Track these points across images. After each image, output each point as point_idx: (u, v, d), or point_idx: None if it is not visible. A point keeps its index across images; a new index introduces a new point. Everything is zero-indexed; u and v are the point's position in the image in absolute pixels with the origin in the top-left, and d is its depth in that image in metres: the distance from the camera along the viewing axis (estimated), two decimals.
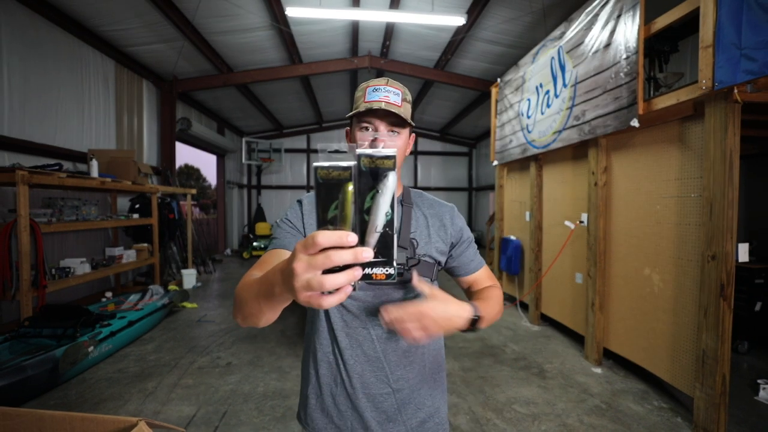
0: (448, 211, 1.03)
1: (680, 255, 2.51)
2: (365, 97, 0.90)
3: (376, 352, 0.91)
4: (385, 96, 0.89)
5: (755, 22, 1.94)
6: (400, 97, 0.90)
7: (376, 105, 0.87)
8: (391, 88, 0.90)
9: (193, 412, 2.50)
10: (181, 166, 32.93)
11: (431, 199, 1.06)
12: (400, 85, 0.93)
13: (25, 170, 3.28)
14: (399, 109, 0.88)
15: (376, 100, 0.88)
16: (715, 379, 2.16)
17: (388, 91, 0.90)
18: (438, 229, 0.99)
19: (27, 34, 4.28)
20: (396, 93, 0.90)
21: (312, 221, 0.94)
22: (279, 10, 5.46)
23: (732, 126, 2.11)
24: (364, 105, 0.89)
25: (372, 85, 0.90)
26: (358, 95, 0.92)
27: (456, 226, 1.01)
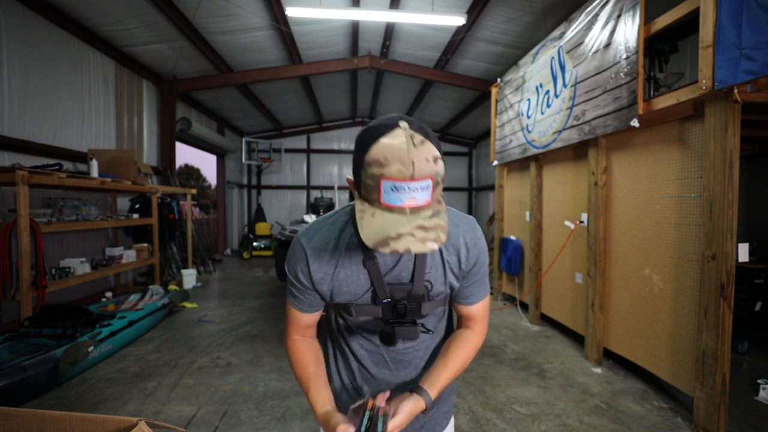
0: (465, 240, 0.88)
1: (680, 255, 2.51)
2: (380, 195, 0.64)
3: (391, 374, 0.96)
4: (410, 199, 0.64)
5: (755, 22, 1.94)
6: (431, 188, 0.64)
7: (400, 228, 0.64)
8: (418, 182, 0.62)
9: (193, 412, 2.50)
10: (181, 166, 32.93)
11: (452, 223, 0.89)
12: (430, 164, 0.63)
13: (25, 170, 3.28)
14: (428, 210, 0.66)
15: (398, 206, 0.64)
16: (715, 379, 2.16)
17: (415, 190, 0.63)
18: (454, 265, 0.88)
19: (27, 34, 4.28)
20: (426, 186, 0.64)
21: (320, 267, 0.85)
22: (279, 10, 5.46)
23: (732, 126, 2.11)
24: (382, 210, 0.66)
25: (390, 178, 0.62)
26: (369, 183, 0.66)
27: (470, 260, 0.89)
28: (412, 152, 0.62)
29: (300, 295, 0.90)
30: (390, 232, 0.64)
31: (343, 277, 0.85)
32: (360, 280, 0.85)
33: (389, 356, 0.94)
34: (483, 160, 12.25)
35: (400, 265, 0.85)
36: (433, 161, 0.64)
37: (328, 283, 0.86)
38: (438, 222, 0.67)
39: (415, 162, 0.62)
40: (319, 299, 0.91)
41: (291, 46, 6.70)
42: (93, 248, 5.15)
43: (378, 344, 0.93)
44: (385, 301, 0.85)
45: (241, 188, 11.89)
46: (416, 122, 0.68)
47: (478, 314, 0.96)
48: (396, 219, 0.65)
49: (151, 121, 6.87)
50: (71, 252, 4.73)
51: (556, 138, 3.75)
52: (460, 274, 0.90)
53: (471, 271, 0.90)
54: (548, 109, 3.89)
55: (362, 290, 0.86)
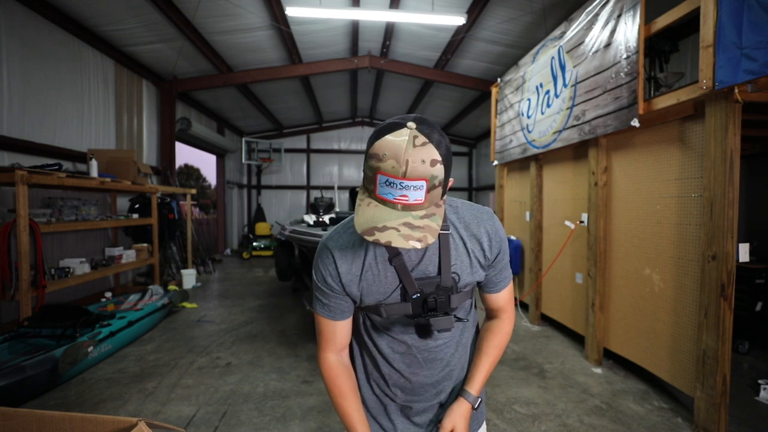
0: (486, 230, 0.90)
1: (681, 255, 2.51)
2: (376, 188, 0.68)
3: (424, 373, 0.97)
4: (402, 196, 0.67)
5: (756, 21, 1.94)
6: (425, 189, 0.67)
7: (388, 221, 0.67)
8: (410, 182, 0.65)
9: (192, 413, 2.49)
10: (180, 166, 32.93)
11: (467, 215, 0.90)
12: (425, 167, 0.65)
13: (24, 170, 3.27)
14: (420, 210, 0.69)
15: (390, 200, 0.68)
16: (715, 379, 2.16)
17: (407, 188, 0.66)
18: (478, 254, 0.89)
19: (26, 33, 4.27)
20: (418, 186, 0.66)
21: (348, 269, 0.86)
22: (279, 10, 5.46)
23: (732, 126, 2.11)
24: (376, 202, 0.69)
25: (384, 173, 0.66)
26: (368, 174, 0.70)
27: (494, 248, 0.90)
28: (409, 152, 0.64)
29: (329, 301, 0.89)
30: (378, 223, 0.67)
31: (371, 276, 0.86)
32: (388, 278, 0.86)
33: (421, 356, 0.94)
34: (483, 160, 12.25)
35: (425, 259, 0.86)
36: (430, 164, 0.65)
37: (356, 284, 0.87)
38: (428, 223, 0.68)
39: (409, 161, 0.64)
40: (349, 303, 0.91)
41: (291, 46, 6.69)
42: (92, 248, 5.14)
43: (409, 344, 0.93)
44: (414, 297, 0.86)
45: (241, 188, 11.89)
46: (428, 126, 0.69)
47: (505, 301, 1.00)
48: (387, 212, 0.68)
49: (150, 121, 6.86)
50: (71, 252, 4.73)
51: (556, 138, 3.74)
52: (486, 263, 0.91)
53: (496, 259, 0.92)
54: (548, 108, 3.89)
55: (391, 288, 0.87)
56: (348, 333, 0.96)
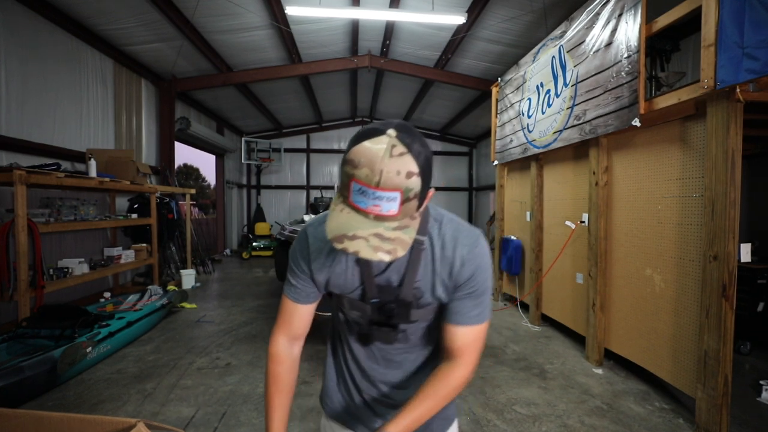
0: (462, 255, 0.83)
1: (682, 255, 2.50)
2: (350, 194, 0.65)
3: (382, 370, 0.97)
4: (374, 206, 0.64)
5: (757, 20, 1.93)
6: (398, 201, 0.63)
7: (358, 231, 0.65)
8: (383, 192, 0.62)
9: (192, 413, 2.48)
10: (180, 166, 32.90)
11: (449, 235, 0.85)
12: (401, 178, 0.62)
13: (22, 170, 3.26)
14: (393, 222, 0.66)
15: (362, 208, 0.65)
16: (717, 380, 2.15)
17: (379, 198, 0.63)
18: (446, 277, 0.85)
19: (25, 32, 4.26)
20: (392, 198, 0.63)
21: (318, 256, 0.88)
22: (278, 9, 5.45)
23: (734, 125, 2.10)
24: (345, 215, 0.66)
25: (357, 181, 0.63)
26: (343, 180, 0.67)
27: (464, 274, 0.83)
28: (385, 161, 0.62)
29: (297, 282, 0.92)
30: (348, 231, 0.65)
31: (339, 270, 0.88)
32: (352, 276, 0.87)
33: (380, 353, 0.95)
34: (483, 159, 12.24)
35: (391, 268, 0.85)
36: (406, 176, 0.62)
37: (324, 273, 0.89)
38: (400, 235, 0.66)
39: (383, 171, 0.61)
40: (314, 290, 0.92)
41: (291, 46, 6.68)
42: (91, 248, 5.13)
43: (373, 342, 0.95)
44: (372, 301, 0.87)
45: (241, 188, 11.87)
46: (409, 135, 0.65)
47: (464, 343, 0.85)
48: (359, 220, 0.65)
49: (149, 121, 6.85)
50: (69, 252, 4.71)
51: (556, 137, 3.74)
52: (451, 285, 0.85)
53: (463, 285, 0.84)
54: (549, 108, 3.88)
55: (353, 286, 0.88)
56: (305, 322, 0.96)
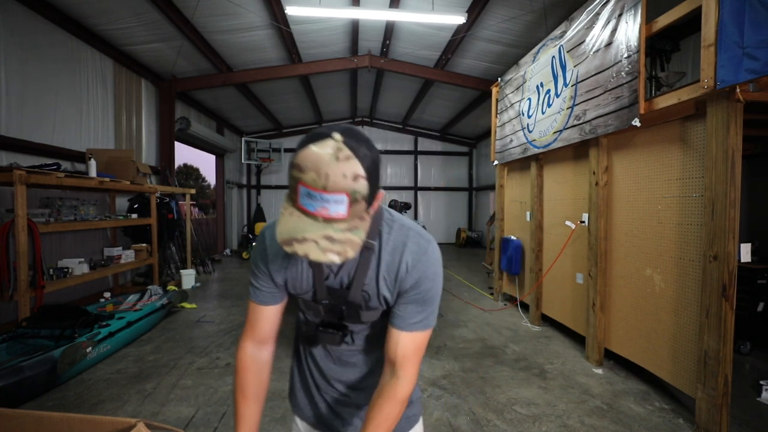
0: (408, 261, 0.84)
1: (682, 255, 2.50)
2: (298, 198, 0.65)
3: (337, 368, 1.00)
4: (322, 208, 0.64)
5: (758, 20, 1.93)
6: (346, 203, 0.64)
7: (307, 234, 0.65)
8: (330, 195, 0.62)
9: (192, 413, 2.48)
10: (180, 166, 32.89)
11: (398, 240, 0.85)
12: (348, 181, 0.63)
13: (22, 170, 3.26)
14: (342, 224, 0.66)
15: (311, 212, 0.65)
16: (717, 380, 2.15)
17: (327, 201, 0.63)
18: (390, 282, 0.85)
19: (25, 33, 4.26)
20: (339, 200, 0.63)
21: (275, 257, 0.89)
22: (279, 9, 5.45)
23: (734, 125, 2.10)
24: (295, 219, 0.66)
25: (304, 184, 0.63)
26: (291, 184, 0.67)
27: (408, 280, 0.84)
28: (331, 165, 0.62)
29: (259, 284, 0.94)
30: (298, 234, 0.65)
31: (294, 272, 0.90)
32: (305, 278, 0.90)
33: (334, 353, 0.98)
34: (483, 159, 12.25)
35: (343, 271, 0.87)
36: (352, 178, 0.63)
37: (282, 274, 0.91)
38: (349, 237, 0.67)
39: (330, 175, 0.62)
40: (276, 291, 0.94)
41: (291, 46, 6.69)
42: (91, 248, 5.13)
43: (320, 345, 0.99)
44: (323, 302, 0.90)
45: (241, 188, 11.88)
46: (355, 139, 0.66)
47: (404, 352, 0.84)
48: (308, 223, 0.66)
49: (149, 121, 6.85)
50: (69, 252, 4.71)
51: (556, 137, 3.74)
52: (395, 290, 0.85)
53: (407, 291, 0.84)
54: (549, 108, 3.88)
55: (306, 288, 0.90)
56: (271, 324, 0.97)
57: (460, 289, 6.20)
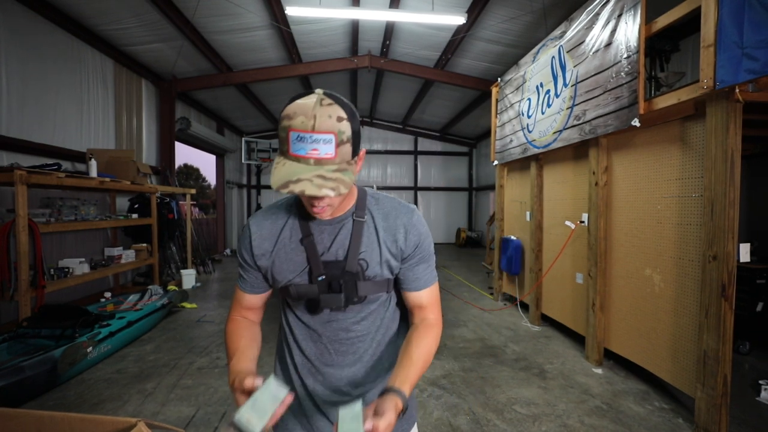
0: (404, 223, 0.91)
1: (681, 255, 2.50)
2: (289, 146, 0.71)
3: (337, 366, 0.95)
4: (313, 150, 0.71)
5: (757, 21, 1.93)
6: (334, 143, 0.71)
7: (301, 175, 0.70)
8: (320, 134, 0.70)
9: (192, 413, 2.49)
10: (180, 166, 32.91)
11: (388, 207, 0.93)
12: (332, 121, 0.71)
13: (23, 170, 3.27)
14: (332, 164, 0.72)
15: (303, 155, 0.71)
16: (716, 379, 2.15)
17: (317, 141, 0.70)
18: (391, 245, 0.90)
19: (26, 33, 4.27)
20: (327, 140, 0.71)
21: (261, 247, 0.91)
22: (279, 10, 5.45)
23: (733, 125, 2.10)
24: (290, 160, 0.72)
25: (295, 129, 0.70)
26: (282, 135, 0.73)
27: (410, 240, 0.91)
28: (317, 109, 0.71)
29: (244, 274, 0.96)
30: (292, 177, 0.71)
31: (284, 255, 0.90)
32: (297, 257, 0.90)
33: (332, 347, 0.93)
34: (483, 159, 12.25)
35: (336, 243, 0.89)
36: (337, 119, 0.72)
37: (267, 258, 0.91)
38: (340, 176, 0.73)
39: (317, 116, 0.70)
40: (261, 280, 0.96)
41: (291, 46, 6.69)
42: (92, 248, 5.13)
43: (320, 333, 0.94)
44: (320, 279, 0.88)
45: (241, 188, 11.88)
46: (335, 94, 0.76)
47: (429, 302, 0.96)
48: (300, 168, 0.72)
49: (150, 121, 6.85)
50: (70, 252, 4.72)
51: (556, 138, 3.74)
52: (399, 254, 0.91)
53: (413, 252, 0.92)
54: (549, 108, 3.88)
55: (299, 268, 0.90)
56: (256, 305, 1.00)
57: (460, 289, 6.21)
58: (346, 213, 0.91)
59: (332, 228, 0.90)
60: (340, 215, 0.90)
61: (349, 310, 0.92)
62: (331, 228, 0.90)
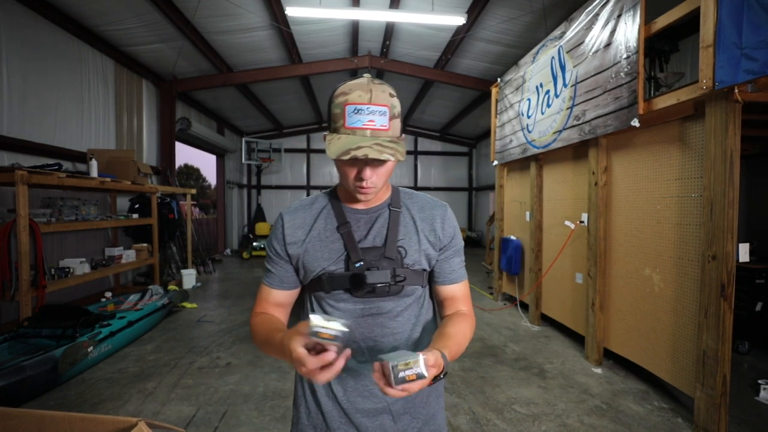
0: (440, 214, 0.95)
1: (681, 255, 2.51)
2: (345, 120, 0.75)
3: (369, 365, 0.88)
4: (369, 121, 0.74)
5: (756, 21, 1.94)
6: (388, 116, 0.76)
7: (360, 143, 0.73)
8: (376, 106, 0.75)
9: (192, 413, 2.49)
10: (180, 166, 32.92)
11: (422, 200, 0.97)
12: (386, 95, 0.76)
13: (24, 170, 3.27)
14: (386, 136, 0.76)
15: (359, 127, 0.74)
16: (715, 379, 2.16)
17: (373, 113, 0.75)
18: (429, 234, 0.92)
19: (27, 33, 4.27)
20: (382, 112, 0.75)
21: (294, 236, 0.90)
22: (279, 10, 5.46)
23: (732, 126, 2.11)
24: (345, 132, 0.76)
25: (352, 102, 0.74)
26: (336, 111, 0.77)
27: (447, 231, 0.94)
28: (371, 85, 0.76)
29: (273, 268, 0.93)
30: (352, 146, 0.73)
31: (318, 242, 0.89)
32: (334, 245, 0.89)
33: (365, 344, 0.89)
34: (483, 160, 12.25)
35: (373, 231, 0.90)
36: (389, 95, 0.77)
37: (299, 246, 0.90)
38: (395, 146, 0.76)
39: (372, 91, 0.75)
40: (291, 273, 0.93)
41: (291, 46, 6.69)
42: (92, 248, 5.14)
43: (353, 329, 0.87)
44: (357, 265, 0.86)
45: (241, 188, 11.88)
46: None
47: (463, 294, 0.97)
48: (358, 138, 0.75)
49: (150, 121, 6.86)
50: (71, 252, 4.72)
51: (556, 138, 3.74)
52: (437, 243, 0.93)
53: (450, 243, 0.95)
54: (548, 108, 3.89)
55: (335, 255, 0.88)
56: (284, 304, 0.96)
57: None
58: (382, 204, 0.93)
59: (368, 217, 0.91)
60: (376, 205, 0.92)
61: (387, 301, 0.89)
62: (368, 217, 0.91)
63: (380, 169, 0.82)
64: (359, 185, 0.82)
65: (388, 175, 0.85)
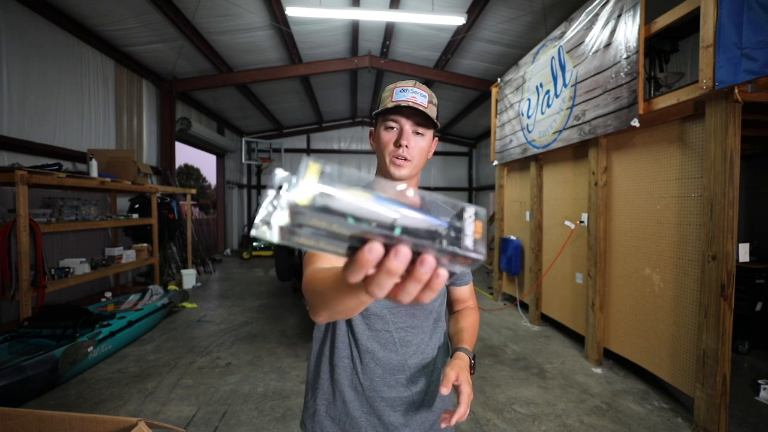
0: None
1: (681, 255, 2.51)
2: (392, 97, 0.91)
3: (399, 355, 0.94)
4: (412, 96, 0.90)
5: (756, 21, 1.94)
6: (427, 99, 0.91)
7: (403, 103, 0.89)
8: (418, 90, 0.91)
9: (192, 413, 2.49)
10: (180, 166, 32.93)
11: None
12: (427, 89, 0.94)
13: (24, 170, 3.27)
14: (425, 110, 0.90)
15: (404, 100, 0.89)
16: (715, 379, 2.16)
17: (416, 93, 0.91)
18: None
19: (27, 33, 4.27)
20: (423, 95, 0.92)
21: None
22: (279, 10, 5.45)
23: (732, 126, 2.11)
24: (392, 103, 0.90)
25: (400, 86, 0.91)
26: (385, 95, 0.93)
27: None
28: (415, 82, 0.94)
29: None
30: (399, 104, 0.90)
31: None
32: None
33: (398, 335, 0.94)
34: (483, 160, 12.24)
35: None
36: (429, 90, 0.94)
37: None
38: (432, 117, 0.92)
39: (416, 83, 0.93)
40: None
41: (291, 46, 6.69)
42: (92, 248, 5.14)
43: (387, 320, 0.92)
44: None
45: (241, 188, 11.88)
46: None
47: (471, 293, 1.12)
48: (402, 103, 0.90)
49: (150, 121, 6.86)
50: (71, 252, 4.72)
51: (556, 138, 3.74)
52: None
53: None
54: (548, 108, 3.89)
55: None
56: None
57: None
58: None
59: None
60: None
61: None
62: None
63: (418, 139, 0.92)
64: (396, 154, 0.90)
65: (422, 152, 0.93)
